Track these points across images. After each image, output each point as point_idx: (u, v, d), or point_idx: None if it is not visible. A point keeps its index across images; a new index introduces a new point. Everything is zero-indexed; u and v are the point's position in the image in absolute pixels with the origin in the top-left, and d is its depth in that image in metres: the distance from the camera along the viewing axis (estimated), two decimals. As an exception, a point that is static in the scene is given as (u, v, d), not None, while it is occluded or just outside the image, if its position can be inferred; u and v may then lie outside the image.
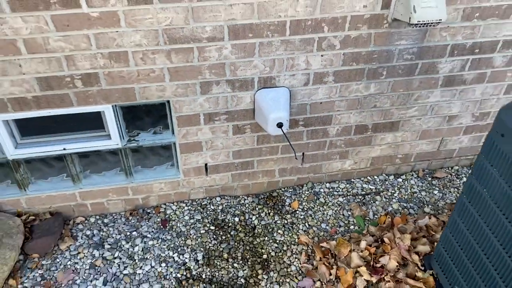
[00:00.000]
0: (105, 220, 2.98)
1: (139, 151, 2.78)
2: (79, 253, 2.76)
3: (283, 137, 2.82)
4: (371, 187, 3.22)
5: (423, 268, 2.60)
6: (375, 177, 3.30)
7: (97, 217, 3.00)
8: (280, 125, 2.48)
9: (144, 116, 2.63)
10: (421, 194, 3.16)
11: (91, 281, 2.61)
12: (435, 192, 3.18)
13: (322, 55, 2.47)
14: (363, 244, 2.72)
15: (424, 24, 2.23)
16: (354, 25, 2.38)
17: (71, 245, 2.80)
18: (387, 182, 3.26)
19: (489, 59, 2.71)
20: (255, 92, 2.56)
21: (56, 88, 2.31)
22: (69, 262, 2.71)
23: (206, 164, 2.89)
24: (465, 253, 2.20)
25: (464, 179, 3.27)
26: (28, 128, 2.55)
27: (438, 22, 2.23)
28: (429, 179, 3.29)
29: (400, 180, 3.29)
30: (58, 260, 2.72)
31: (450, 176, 3.30)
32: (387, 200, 3.12)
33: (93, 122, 2.58)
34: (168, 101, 2.51)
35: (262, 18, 2.25)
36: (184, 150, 2.76)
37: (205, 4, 2.14)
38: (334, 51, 2.47)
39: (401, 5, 2.27)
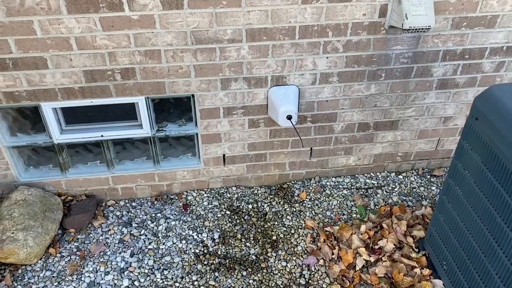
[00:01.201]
0: (133, 204, 3.35)
1: (166, 140, 3.16)
2: (109, 229, 3.12)
3: (293, 131, 3.17)
4: (374, 182, 3.53)
5: (417, 250, 2.87)
6: (378, 173, 3.60)
7: (126, 201, 3.37)
8: (289, 117, 2.83)
9: (171, 108, 3.02)
10: (420, 190, 3.45)
11: (119, 253, 2.96)
12: (433, 188, 3.46)
13: (327, 57, 2.83)
14: (363, 227, 3.01)
15: (415, 29, 2.58)
16: (355, 31, 2.74)
17: (103, 223, 3.17)
18: (388, 178, 3.56)
19: (478, 65, 3.03)
20: (268, 89, 2.93)
21: (99, 80, 2.72)
22: (101, 237, 3.07)
23: (224, 155, 3.25)
24: (453, 233, 2.47)
25: (461, 178, 3.54)
26: (72, 116, 2.97)
27: (428, 28, 2.58)
28: (428, 176, 3.58)
29: (400, 177, 3.58)
30: (91, 235, 3.09)
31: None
32: (388, 193, 3.41)
33: (128, 113, 2.98)
34: (193, 95, 2.90)
35: (275, 23, 2.64)
36: (205, 140, 3.13)
37: (226, 10, 2.54)
38: (338, 54, 2.83)
39: (395, 13, 2.63)
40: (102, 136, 3.00)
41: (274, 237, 3.07)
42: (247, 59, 2.77)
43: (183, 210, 3.28)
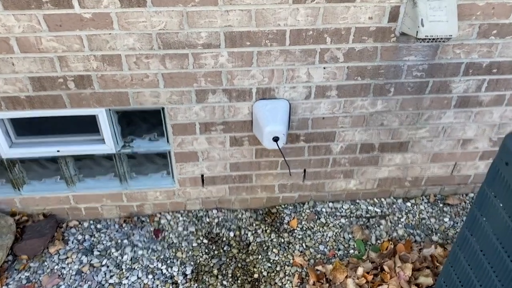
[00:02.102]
0: (98, 226, 2.93)
1: (134, 157, 2.72)
2: (67, 257, 2.71)
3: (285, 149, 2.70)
4: (377, 209, 3.05)
5: (423, 302, 2.41)
6: (382, 199, 3.12)
7: (91, 221, 2.95)
8: (276, 139, 2.36)
9: (140, 122, 2.57)
10: (430, 221, 2.96)
11: (75, 287, 2.55)
12: (446, 219, 2.97)
13: (324, 68, 2.35)
14: (360, 270, 2.54)
15: (433, 39, 2.08)
16: (359, 38, 2.25)
17: (60, 249, 2.76)
18: (394, 206, 3.08)
19: (508, 80, 2.52)
20: (253, 103, 2.46)
21: (49, 88, 2.28)
22: (56, 266, 2.66)
23: (202, 175, 2.80)
24: (466, 289, 2.01)
25: (480, 207, 3.04)
26: (23, 128, 2.54)
27: (448, 38, 2.08)
28: (441, 205, 3.08)
29: (408, 204, 3.09)
30: (46, 263, 2.68)
31: (463, 203, 3.09)
32: (393, 224, 2.93)
33: (88, 126, 2.54)
34: (163, 108, 2.44)
35: (260, 26, 2.16)
36: (179, 159, 2.68)
37: (200, 9, 2.06)
38: (337, 64, 2.34)
39: (409, 18, 2.13)
40: (58, 151, 2.56)
41: (256, 275, 2.63)
42: (226, 68, 2.30)
43: (153, 236, 2.85)
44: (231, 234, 2.88)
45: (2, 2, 1.96)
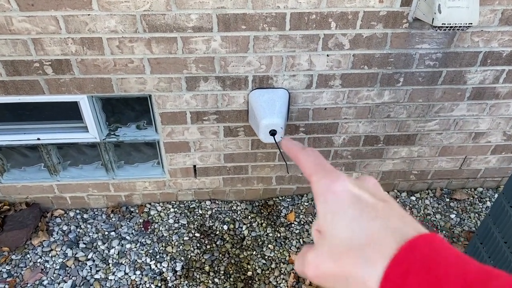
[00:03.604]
0: (85, 216, 2.77)
1: (120, 146, 2.53)
2: (51, 250, 2.57)
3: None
4: (380, 204, 2.88)
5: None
6: (386, 192, 2.94)
7: (77, 211, 2.80)
8: (273, 133, 2.17)
9: (126, 110, 2.37)
10: (436, 217, 2.79)
11: (58, 283, 2.41)
12: (452, 216, 2.80)
13: (328, 55, 2.13)
14: (360, 272, 2.40)
15: (450, 27, 1.85)
16: (367, 23, 2.02)
17: (44, 240, 2.61)
18: (398, 200, 2.91)
19: (529, 72, 2.30)
20: (249, 92, 2.25)
21: (24, 73, 2.07)
22: (39, 260, 2.52)
23: (194, 166, 2.62)
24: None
25: (489, 203, 2.87)
26: (1, 114, 2.34)
27: (468, 26, 1.85)
28: (447, 200, 2.91)
29: (413, 198, 2.92)
30: (28, 256, 2.54)
31: (471, 198, 2.91)
32: (396, 220, 2.77)
33: (70, 112, 2.34)
34: (150, 96, 2.24)
35: (257, 8, 1.93)
36: (169, 149, 2.49)
37: (189, -12, 1.83)
38: (343, 52, 2.12)
39: (424, 2, 1.89)
40: (38, 139, 2.38)
41: (249, 273, 2.49)
42: (220, 54, 2.08)
43: (142, 228, 2.70)
44: (225, 227, 2.73)
45: (-35, -22, 1.73)
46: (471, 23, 1.84)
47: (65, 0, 1.83)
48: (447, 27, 1.85)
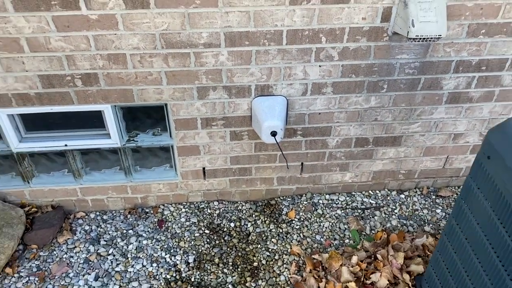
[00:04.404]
0: (104, 217, 3.05)
1: (138, 151, 2.84)
2: (75, 247, 2.84)
3: (283, 143, 2.81)
4: (372, 201, 3.17)
5: (414, 288, 2.53)
6: (377, 191, 3.23)
7: (97, 213, 3.08)
8: (274, 134, 2.48)
9: (144, 117, 2.68)
10: (423, 212, 3.08)
11: (83, 275, 2.68)
12: (438, 211, 3.09)
13: (320, 66, 2.45)
14: (354, 259, 2.67)
15: (423, 38, 2.18)
16: (353, 37, 2.36)
17: (68, 238, 2.88)
18: (388, 198, 3.20)
19: (497, 77, 2.62)
20: (252, 99, 2.57)
21: (57, 86, 2.39)
22: (65, 255, 2.79)
23: (204, 168, 2.92)
24: (452, 276, 2.13)
25: (471, 199, 3.15)
26: (32, 123, 2.65)
27: (438, 38, 2.18)
28: (433, 197, 3.20)
29: (402, 196, 3.21)
30: (55, 252, 2.81)
31: (455, 195, 3.20)
32: (387, 216, 3.05)
33: (94, 121, 2.65)
34: (166, 104, 2.56)
35: (259, 27, 2.26)
36: (181, 153, 2.80)
37: (201, 10, 2.17)
38: (333, 62, 2.45)
39: (400, 18, 2.23)
40: (66, 145, 2.68)
41: (255, 263, 2.75)
42: (226, 66, 2.41)
43: (157, 227, 2.97)
44: (232, 224, 3.01)
45: (13, 5, 2.06)
46: (440, 35, 2.17)
47: (96, 22, 2.16)
48: (420, 38, 2.18)
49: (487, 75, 2.61)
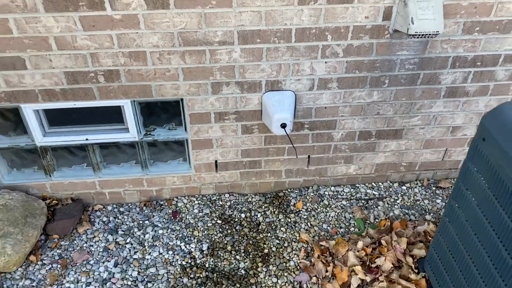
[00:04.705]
0: (121, 209, 3.21)
1: (154, 145, 3.00)
2: (94, 236, 2.99)
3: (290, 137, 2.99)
4: (375, 192, 3.33)
5: (416, 271, 2.68)
6: (380, 183, 3.40)
7: (114, 205, 3.23)
8: (283, 126, 2.64)
9: (160, 112, 2.85)
10: (424, 202, 3.24)
11: (103, 262, 2.83)
12: (438, 201, 3.25)
13: (326, 62, 2.63)
14: (360, 244, 2.83)
15: (422, 35, 2.36)
16: (357, 35, 2.53)
17: (88, 229, 3.04)
18: (391, 189, 3.36)
19: (491, 72, 2.80)
20: (263, 94, 2.74)
21: (81, 82, 2.56)
22: (85, 244, 2.94)
23: (216, 161, 3.08)
24: (454, 256, 2.28)
25: (469, 190, 3.32)
26: (55, 118, 2.82)
27: (436, 34, 2.36)
28: (433, 188, 3.37)
29: (404, 188, 3.38)
30: (75, 241, 2.96)
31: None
32: (389, 206, 3.21)
33: (114, 116, 2.82)
34: (182, 99, 2.73)
35: (269, 25, 2.44)
36: (195, 146, 2.96)
37: (216, 10, 2.35)
38: (338, 59, 2.63)
39: (401, 17, 2.41)
40: (87, 139, 2.85)
41: (266, 250, 2.91)
42: (239, 63, 2.58)
43: (172, 217, 3.13)
44: (242, 215, 3.16)
45: (44, 6, 2.24)
46: (438, 31, 2.35)
47: (119, 21, 2.34)
48: (419, 35, 2.37)
49: (482, 70, 2.78)
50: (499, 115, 1.88)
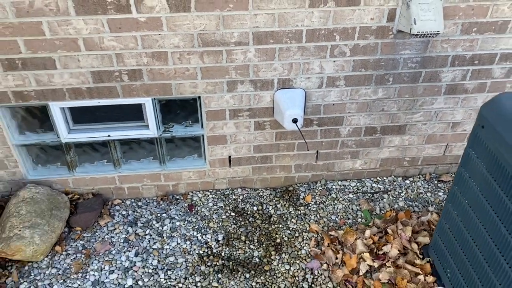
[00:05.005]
0: (139, 203, 3.37)
1: (172, 141, 3.18)
2: (115, 229, 3.15)
3: (298, 134, 3.16)
4: (380, 186, 3.51)
5: (421, 256, 2.85)
6: (384, 178, 3.57)
7: (132, 200, 3.40)
8: (295, 121, 2.82)
9: (178, 109, 3.03)
10: (427, 195, 3.42)
11: (124, 252, 2.98)
12: (440, 193, 3.43)
13: (334, 61, 2.82)
14: (367, 232, 2.99)
15: (424, 34, 2.56)
16: (363, 35, 2.73)
17: (108, 222, 3.20)
18: (395, 183, 3.54)
19: (488, 70, 2.99)
20: (275, 92, 2.92)
21: (106, 81, 2.74)
22: (106, 236, 3.10)
23: (229, 156, 3.25)
24: (457, 240, 2.45)
25: (469, 184, 3.50)
26: (79, 116, 2.99)
27: (437, 34, 2.55)
28: (435, 182, 3.54)
29: (407, 181, 3.55)
30: (97, 233, 3.12)
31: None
32: (394, 198, 3.39)
33: (135, 113, 3.00)
34: (199, 97, 2.91)
35: (282, 27, 2.63)
36: (211, 142, 3.14)
37: (233, 13, 2.54)
38: (345, 58, 2.81)
39: (404, 18, 2.61)
40: (109, 136, 3.02)
41: (278, 240, 3.07)
42: (253, 62, 2.77)
43: (188, 210, 3.30)
44: (255, 208, 3.33)
45: (75, 10, 2.43)
46: (438, 31, 2.55)
47: (144, 23, 2.53)
48: (421, 34, 2.56)
49: (479, 68, 2.98)
50: (497, 105, 2.07)
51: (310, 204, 3.35)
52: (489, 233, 2.13)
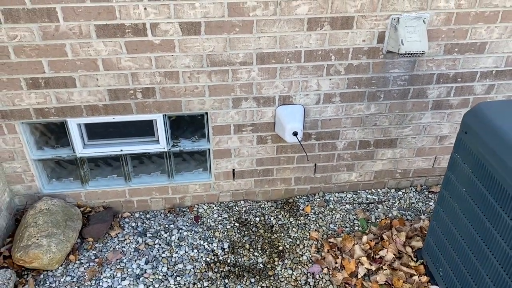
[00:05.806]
0: (147, 216, 3.55)
1: (179, 155, 3.39)
2: (125, 239, 3.32)
3: (298, 147, 3.40)
4: (375, 197, 3.73)
5: (415, 259, 3.05)
6: (378, 189, 3.80)
7: (141, 213, 3.58)
8: (295, 134, 3.06)
9: (186, 125, 3.26)
10: (418, 205, 3.64)
11: (135, 260, 3.14)
12: (431, 203, 3.65)
13: (330, 79, 3.09)
14: (364, 238, 3.20)
15: (411, 54, 2.84)
16: (356, 55, 3.01)
17: (119, 233, 3.36)
18: (388, 194, 3.76)
19: (470, 87, 3.28)
20: (276, 108, 3.17)
21: (122, 98, 2.97)
22: (117, 246, 3.26)
23: (233, 170, 3.47)
24: (448, 240, 2.66)
25: (458, 194, 3.74)
26: (94, 131, 3.21)
27: (422, 53, 2.84)
28: (426, 193, 3.78)
29: (400, 193, 3.78)
30: (108, 244, 3.28)
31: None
32: (388, 208, 3.60)
33: (146, 129, 3.22)
34: (207, 113, 3.15)
35: (283, 48, 2.90)
36: (216, 156, 3.36)
37: (239, 36, 2.81)
38: (340, 76, 3.09)
39: (392, 39, 2.90)
40: (121, 150, 3.23)
41: (280, 247, 3.26)
42: (257, 80, 3.02)
43: (194, 221, 3.48)
44: (257, 219, 3.52)
45: (96, 33, 2.68)
46: (424, 51, 2.83)
47: (158, 45, 2.78)
48: (408, 54, 2.84)
49: (462, 85, 3.26)
50: (478, 112, 2.33)
51: (310, 215, 3.55)
52: (476, 230, 2.34)
